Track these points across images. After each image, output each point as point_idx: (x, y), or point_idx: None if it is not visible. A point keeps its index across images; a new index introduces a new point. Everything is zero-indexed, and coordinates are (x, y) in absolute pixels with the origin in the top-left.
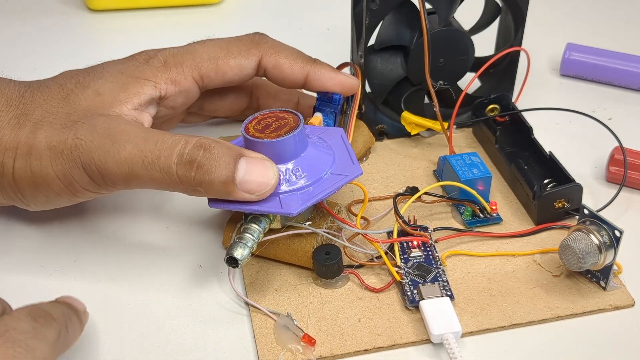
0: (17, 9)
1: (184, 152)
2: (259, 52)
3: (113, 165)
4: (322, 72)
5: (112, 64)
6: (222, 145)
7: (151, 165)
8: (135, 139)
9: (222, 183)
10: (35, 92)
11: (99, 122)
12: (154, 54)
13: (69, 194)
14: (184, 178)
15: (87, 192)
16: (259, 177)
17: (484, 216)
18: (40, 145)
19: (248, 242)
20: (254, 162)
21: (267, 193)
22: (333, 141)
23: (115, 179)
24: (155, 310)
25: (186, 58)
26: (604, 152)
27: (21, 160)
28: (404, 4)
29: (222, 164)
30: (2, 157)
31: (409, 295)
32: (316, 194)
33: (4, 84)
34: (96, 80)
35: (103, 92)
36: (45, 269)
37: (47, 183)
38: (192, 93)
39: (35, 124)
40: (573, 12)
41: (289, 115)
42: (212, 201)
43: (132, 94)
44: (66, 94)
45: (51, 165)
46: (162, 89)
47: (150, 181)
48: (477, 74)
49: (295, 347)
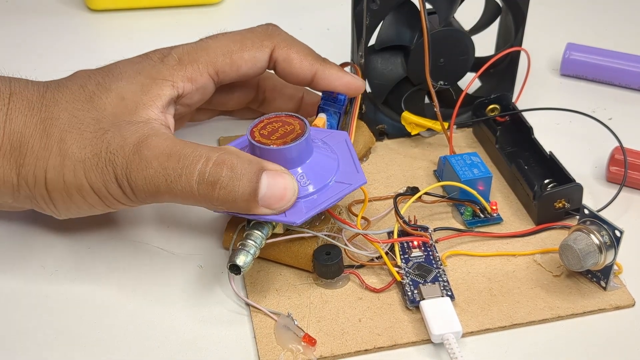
0: (17, 9)
1: (205, 170)
2: (271, 43)
3: (142, 182)
4: (330, 72)
5: (128, 64)
6: (243, 160)
7: (174, 183)
8: (160, 156)
9: (245, 201)
10: (55, 93)
11: (129, 133)
12: (167, 52)
13: (103, 205)
14: (206, 197)
15: (120, 204)
16: (280, 192)
17: (485, 216)
18: (74, 156)
19: (250, 249)
20: (274, 176)
21: (287, 207)
22: (337, 146)
23: (144, 195)
24: (155, 310)
25: (200, 54)
26: (604, 152)
27: (53, 171)
28: (404, 4)
29: (245, 182)
30: (33, 167)
31: (410, 296)
32: (320, 203)
33: (21, 85)
34: (117, 82)
35: (126, 96)
36: (45, 269)
37: (82, 195)
38: (208, 89)
39: (63, 131)
40: (573, 12)
41: (295, 121)
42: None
43: (153, 96)
44: (89, 97)
45: (86, 178)
46: (180, 87)
47: (174, 198)
48: (478, 74)
49: (296, 347)
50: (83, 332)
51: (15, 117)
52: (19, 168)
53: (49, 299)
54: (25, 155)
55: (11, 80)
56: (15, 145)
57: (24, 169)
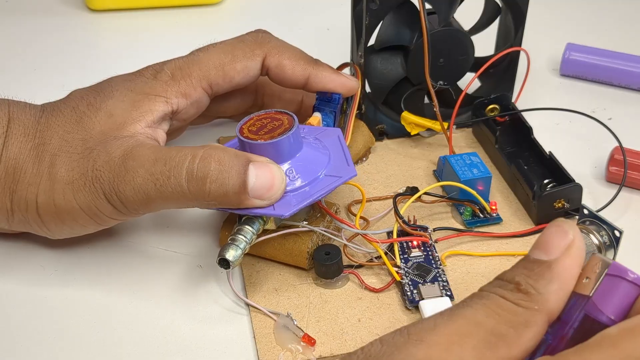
0: (18, 9)
1: (192, 167)
2: (262, 52)
3: (131, 193)
4: (323, 74)
5: (121, 82)
6: (230, 154)
7: (164, 186)
8: (145, 163)
9: (236, 194)
10: (49, 117)
11: (113, 148)
12: (159, 67)
13: (95, 224)
14: (198, 194)
15: (113, 220)
16: (268, 181)
17: (484, 216)
18: (62, 179)
19: (240, 243)
20: (261, 167)
21: (277, 197)
22: (330, 142)
23: (136, 205)
24: (155, 310)
25: (193, 69)
26: (603, 152)
27: (44, 195)
28: (404, 4)
29: (234, 174)
30: (25, 192)
31: (409, 295)
32: (309, 196)
33: (19, 109)
34: (107, 101)
35: (115, 113)
36: (45, 269)
37: (73, 216)
38: (203, 102)
39: (54, 155)
40: (573, 12)
41: (283, 116)
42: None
43: (144, 111)
44: (79, 118)
45: (75, 199)
46: (174, 103)
47: (166, 202)
48: (477, 74)
49: (295, 347)
50: (82, 332)
51: (11, 144)
52: (12, 194)
53: (48, 300)
54: (18, 181)
55: (10, 104)
56: (9, 171)
57: (17, 195)
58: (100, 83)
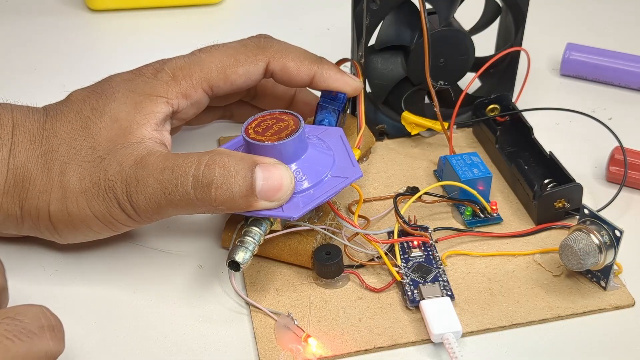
0: (17, 9)
1: (198, 174)
2: (265, 57)
3: (143, 202)
4: (328, 73)
5: (121, 82)
6: (236, 158)
7: (172, 195)
8: (154, 172)
9: (244, 197)
10: (54, 123)
11: (124, 157)
12: (160, 66)
13: (109, 230)
14: (205, 200)
15: (126, 227)
16: (277, 182)
17: (484, 216)
18: (75, 188)
19: (249, 245)
20: (268, 168)
21: (287, 197)
22: (332, 142)
23: (149, 213)
24: (155, 310)
25: (194, 70)
26: (604, 152)
27: (56, 203)
28: (404, 4)
29: (240, 178)
30: (36, 201)
31: (410, 295)
32: (317, 197)
33: (22, 115)
34: (110, 104)
35: (120, 117)
36: (45, 269)
37: (87, 224)
38: (202, 103)
39: (63, 163)
40: (573, 12)
41: (289, 117)
42: None
43: (147, 113)
44: (84, 123)
45: (89, 208)
46: (175, 104)
47: (176, 210)
48: (478, 74)
49: (296, 347)
50: (82, 332)
51: (18, 152)
52: (22, 202)
53: (48, 300)
54: (27, 189)
55: (13, 109)
56: (18, 179)
57: (27, 203)
58: (100, 83)
